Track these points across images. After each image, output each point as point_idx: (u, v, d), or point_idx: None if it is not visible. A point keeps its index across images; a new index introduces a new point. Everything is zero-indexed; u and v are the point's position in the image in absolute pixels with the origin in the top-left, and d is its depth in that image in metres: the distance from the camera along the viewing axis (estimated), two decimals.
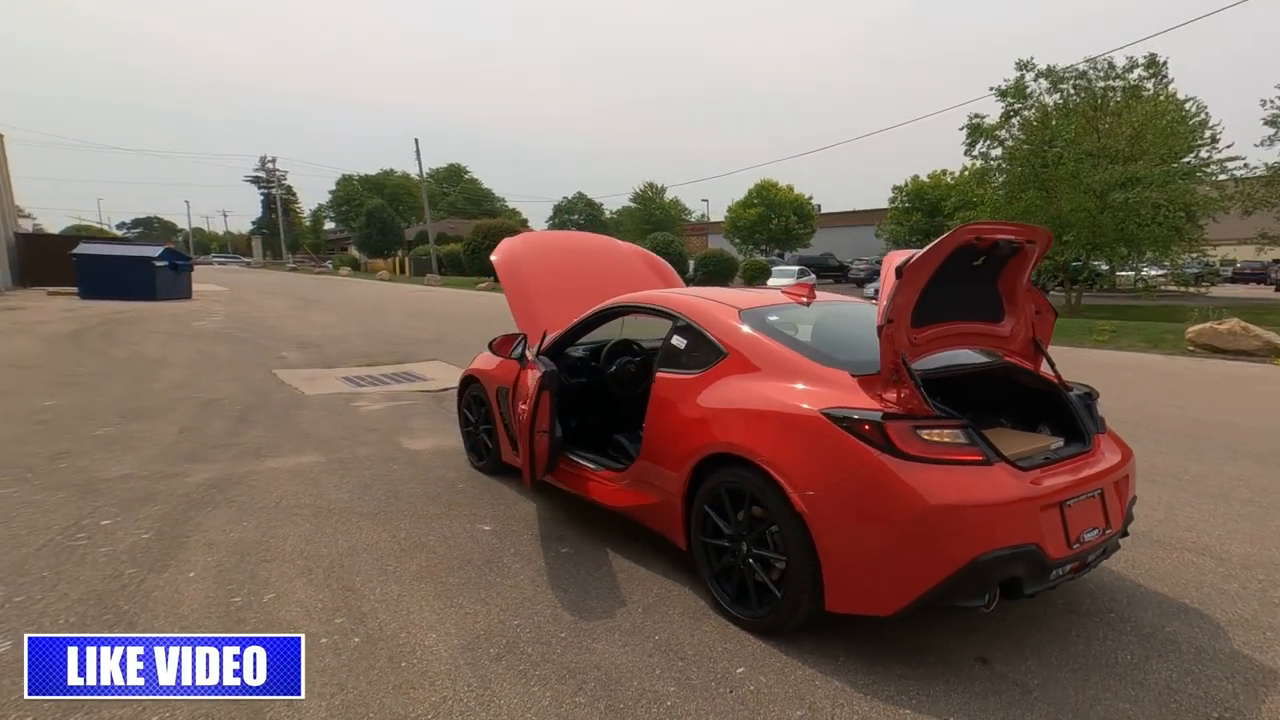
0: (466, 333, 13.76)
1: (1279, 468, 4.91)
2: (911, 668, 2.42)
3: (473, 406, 4.94)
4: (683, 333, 3.23)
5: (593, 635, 2.66)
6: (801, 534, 2.41)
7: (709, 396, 2.91)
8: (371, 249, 60.18)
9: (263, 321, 15.68)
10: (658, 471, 3.15)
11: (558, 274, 4.63)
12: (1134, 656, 2.50)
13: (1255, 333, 10.54)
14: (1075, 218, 18.85)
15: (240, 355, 10.43)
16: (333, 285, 34.15)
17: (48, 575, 3.09)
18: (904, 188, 40.61)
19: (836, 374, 2.62)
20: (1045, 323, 3.02)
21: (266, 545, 3.49)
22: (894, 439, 2.28)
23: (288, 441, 5.56)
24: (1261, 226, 20.38)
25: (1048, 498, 2.34)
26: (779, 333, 2.95)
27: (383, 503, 4.15)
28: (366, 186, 77.50)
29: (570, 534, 3.71)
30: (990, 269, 2.80)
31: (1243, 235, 21.76)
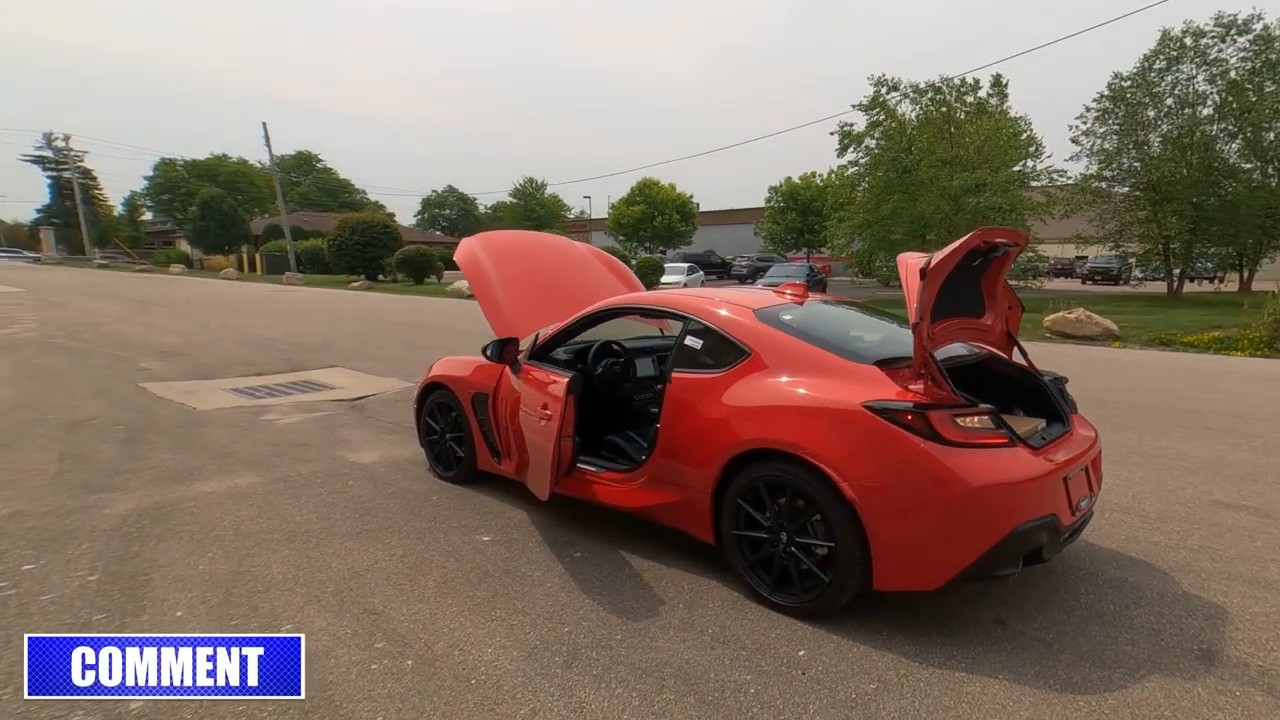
0: (357, 336, 12.97)
1: (1152, 434, 5.81)
2: (946, 635, 2.69)
3: (437, 415, 4.75)
4: (699, 334, 3.33)
5: (648, 634, 2.71)
6: (851, 521, 2.60)
7: (736, 395, 3.03)
8: (209, 244, 54.42)
9: (97, 328, 13.79)
10: (680, 470, 3.24)
11: (523, 275, 4.56)
12: (1115, 606, 2.94)
13: (1097, 321, 12.42)
14: (934, 219, 21.08)
15: (89, 369, 9.10)
16: (166, 285, 30.62)
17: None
18: (779, 188, 42.98)
19: (865, 368, 2.84)
20: (1015, 316, 3.44)
21: (250, 575, 3.19)
22: (937, 427, 2.52)
23: (207, 462, 5.04)
24: (1076, 229, 23.88)
25: (1058, 471, 2.69)
26: (800, 330, 3.14)
27: (358, 521, 3.91)
28: (195, 173, 69.67)
29: (576, 538, 3.70)
30: (978, 269, 3.15)
31: (1061, 236, 25.27)
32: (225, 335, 12.81)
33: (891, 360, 2.89)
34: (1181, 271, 23.33)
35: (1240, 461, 5.05)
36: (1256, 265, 24.49)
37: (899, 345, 3.25)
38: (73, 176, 68.00)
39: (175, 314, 16.87)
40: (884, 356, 2.92)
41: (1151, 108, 22.06)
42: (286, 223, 43.05)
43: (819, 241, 40.89)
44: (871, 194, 23.25)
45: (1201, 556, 3.43)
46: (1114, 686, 2.37)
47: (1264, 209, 20.97)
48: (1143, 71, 22.11)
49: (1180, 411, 6.73)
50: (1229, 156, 22.02)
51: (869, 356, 2.93)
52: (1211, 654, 2.59)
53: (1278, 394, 7.73)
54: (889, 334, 3.58)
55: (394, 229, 36.97)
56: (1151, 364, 10.01)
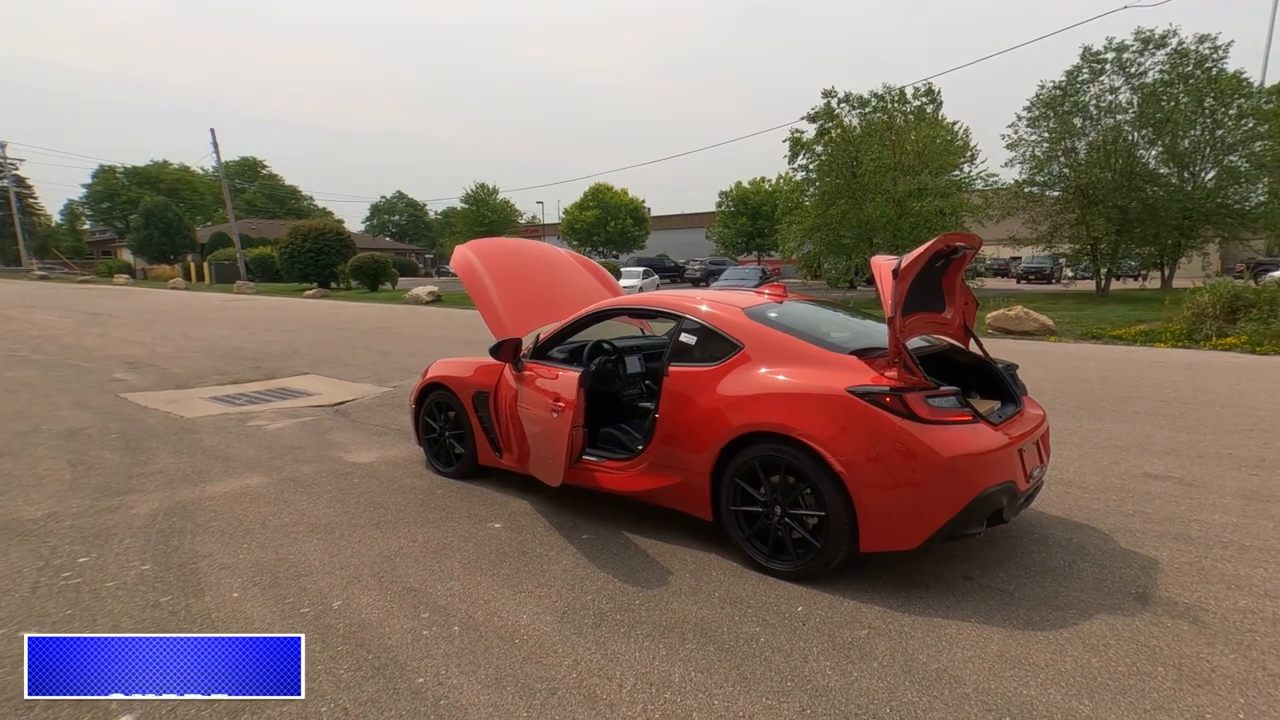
0: (321, 343, 12.98)
1: (1088, 418, 6.43)
2: (922, 590, 3.12)
3: (435, 414, 5.00)
4: (694, 331, 3.70)
5: (664, 599, 3.06)
6: (840, 492, 3.00)
7: (731, 385, 3.41)
8: (153, 253, 52.63)
9: (55, 341, 13.47)
10: (680, 455, 3.60)
11: (516, 279, 4.88)
12: (1065, 561, 3.41)
13: (1035, 317, 13.28)
14: (880, 222, 22.00)
15: (61, 381, 9.03)
16: (112, 297, 29.60)
17: (72, 614, 2.84)
18: (729, 193, 43.84)
19: (845, 358, 3.24)
20: (971, 311, 3.91)
21: (290, 563, 3.43)
22: (912, 407, 2.94)
23: (212, 466, 5.19)
24: (1010, 230, 25.21)
25: (1014, 443, 3.15)
26: (785, 326, 3.54)
27: (374, 514, 4.15)
28: (136, 180, 67.35)
29: (581, 522, 4.02)
30: (940, 270, 3.60)
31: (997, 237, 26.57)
32: (189, 345, 12.67)
33: (866, 351, 3.30)
34: (1109, 270, 24.84)
35: (1165, 439, 5.68)
36: (1176, 264, 26.21)
37: (870, 338, 3.68)
38: (8, 185, 64.67)
39: (131, 325, 16.48)
40: (859, 348, 3.34)
41: (1078, 116, 23.52)
42: (235, 230, 41.98)
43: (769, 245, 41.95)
44: (821, 199, 24.17)
45: (1135, 519, 3.95)
46: (1067, 624, 2.81)
47: (1181, 211, 22.56)
48: (1069, 82, 23.56)
49: (1112, 397, 7.43)
50: (1149, 162, 23.62)
51: (846, 348, 3.34)
52: (1146, 595, 3.06)
53: (1195, 380, 8.55)
54: (858, 329, 4.01)
55: (347, 236, 36.46)
56: (1085, 355, 10.85)
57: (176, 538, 3.74)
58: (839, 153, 23.50)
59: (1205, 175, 23.72)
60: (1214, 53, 22.15)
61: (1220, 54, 22.19)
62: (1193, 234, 23.87)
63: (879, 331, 3.94)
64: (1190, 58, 22.22)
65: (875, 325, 4.12)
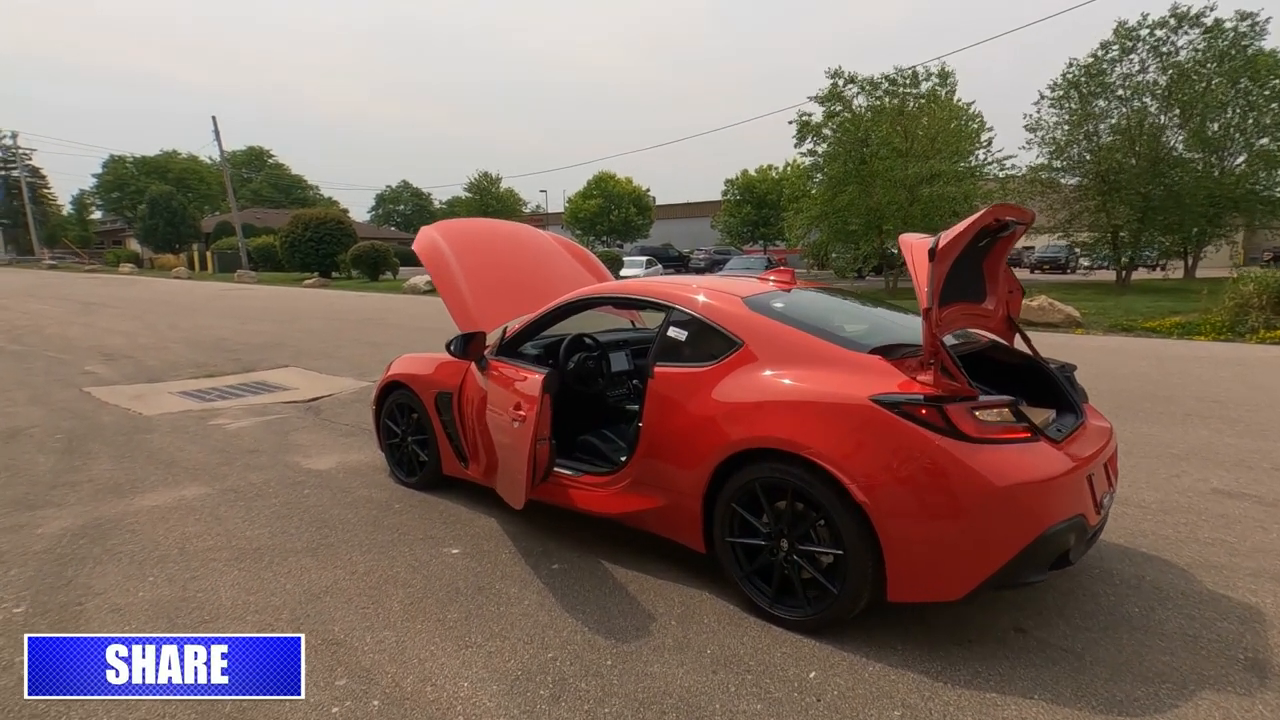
0: (310, 334, 12.46)
1: (1133, 420, 5.74)
2: (965, 648, 2.49)
3: (397, 416, 4.42)
4: (683, 324, 3.08)
5: (641, 658, 2.46)
6: (861, 526, 2.39)
7: (728, 389, 2.80)
8: (158, 242, 52.41)
9: (39, 330, 13.07)
10: (665, 472, 2.99)
11: (488, 265, 4.25)
12: (1140, 608, 2.77)
13: (1059, 308, 12.53)
14: (889, 210, 21.16)
15: (29, 373, 8.57)
16: (116, 285, 29.28)
17: None
18: (735, 181, 42.96)
19: (867, 358, 2.62)
20: (1016, 300, 3.26)
21: (195, 602, 2.85)
22: (955, 421, 2.32)
23: (151, 473, 4.63)
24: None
25: (1083, 466, 2.51)
26: (793, 319, 2.90)
27: (315, 535, 3.58)
28: (145, 170, 67.20)
29: (552, 547, 3.43)
30: (983, 250, 2.96)
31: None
32: (173, 336, 12.17)
33: (890, 348, 2.68)
34: (1130, 259, 23.91)
35: (1229, 448, 5.00)
36: (1200, 253, 25.24)
37: (891, 332, 3.06)
38: (20, 175, 64.61)
39: (122, 315, 16.02)
40: (880, 344, 2.71)
41: (1103, 97, 22.49)
42: (238, 219, 41.57)
43: (775, 234, 41.05)
44: (828, 185, 23.28)
45: (1216, 550, 3.30)
46: (1164, 705, 2.17)
47: (1208, 198, 21.55)
48: (1096, 60, 22.53)
49: (1155, 396, 6.74)
50: (1175, 147, 22.59)
51: (865, 345, 2.72)
52: (1260, 664, 2.40)
53: (1247, 377, 7.83)
54: (877, 321, 3.38)
55: (348, 225, 35.91)
56: (1116, 349, 10.13)
57: (74, 567, 3.17)
58: (847, 137, 22.58)
59: (1235, 160, 22.69)
60: (1252, 29, 21.07)
61: (1258, 30, 21.10)
62: (1219, 222, 22.86)
63: (902, 324, 3.32)
64: (1226, 35, 21.15)
65: (896, 316, 3.49)
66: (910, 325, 3.34)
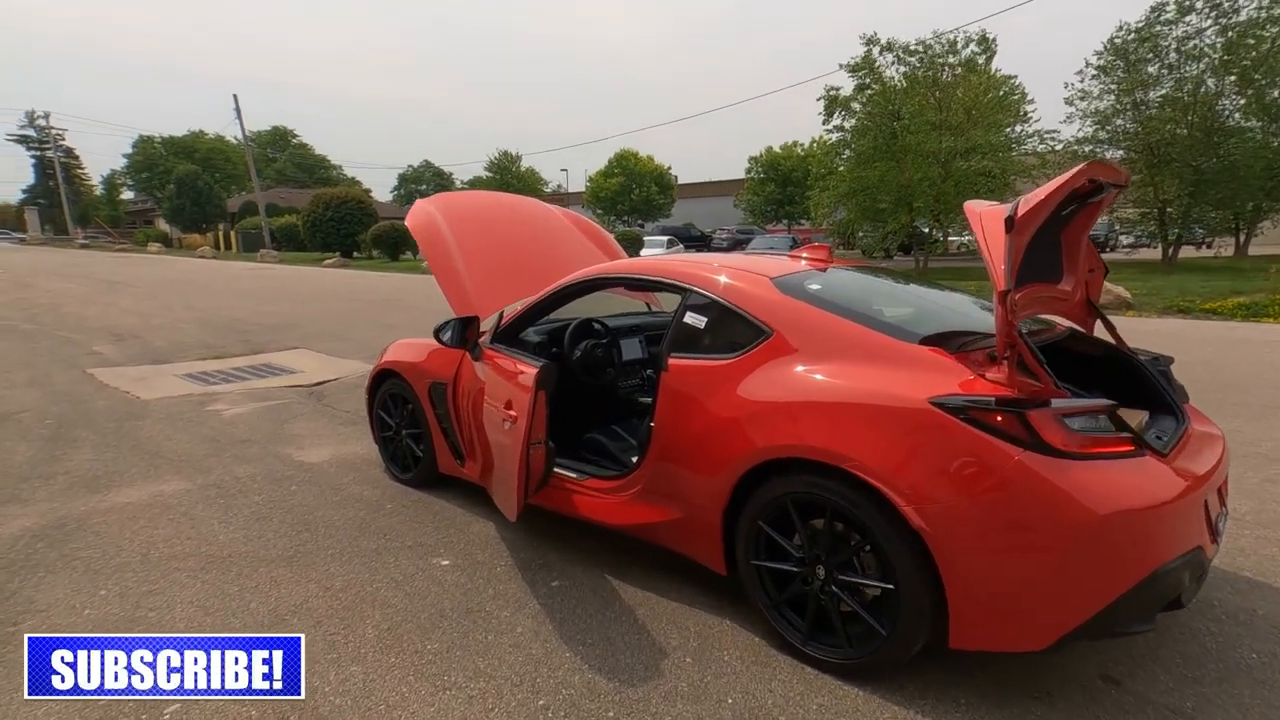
0: (325, 315, 12.22)
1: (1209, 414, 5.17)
2: (1043, 701, 2.05)
3: (391, 408, 4.05)
4: (702, 309, 2.64)
5: (650, 707, 2.06)
6: (918, 557, 1.95)
7: (754, 386, 2.36)
8: (185, 222, 52.89)
9: (57, 309, 13.01)
10: (680, 480, 2.57)
11: (489, 242, 3.81)
12: (1258, 653, 2.29)
13: (1108, 288, 11.71)
14: (921, 186, 20.23)
15: (35, 353, 8.43)
16: (141, 265, 29.47)
17: None
18: (759, 158, 41.88)
19: (923, 351, 2.16)
20: (1097, 280, 2.76)
21: (145, 623, 2.51)
22: (1040, 431, 1.85)
23: (133, 464, 4.34)
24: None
25: (1198, 487, 2.04)
26: (832, 303, 2.44)
27: (295, 540, 3.23)
28: (173, 150, 67.62)
29: (553, 559, 3.04)
30: (1064, 220, 2.46)
31: None
32: (187, 316, 12.01)
33: (943, 338, 2.21)
34: (1179, 237, 22.67)
35: None
36: (1255, 229, 23.87)
37: (941, 318, 2.62)
38: (54, 155, 65.49)
39: (142, 295, 15.95)
40: (932, 332, 2.25)
41: (1155, 63, 21.12)
42: (261, 199, 41.63)
43: (800, 213, 39.96)
44: (856, 161, 22.26)
45: None
46: None
47: (1265, 170, 20.23)
48: (1149, 23, 21.15)
49: (1228, 386, 6.10)
50: (1232, 115, 21.22)
51: (914, 334, 2.26)
52: None
53: None
54: (923, 304, 2.92)
55: (369, 204, 35.68)
56: (1175, 334, 9.41)
57: (22, 577, 2.86)
58: (878, 110, 21.55)
59: None
60: None
61: None
62: (1278, 196, 21.52)
63: (951, 306, 2.87)
64: None
65: (942, 296, 3.03)
66: (961, 309, 2.87)
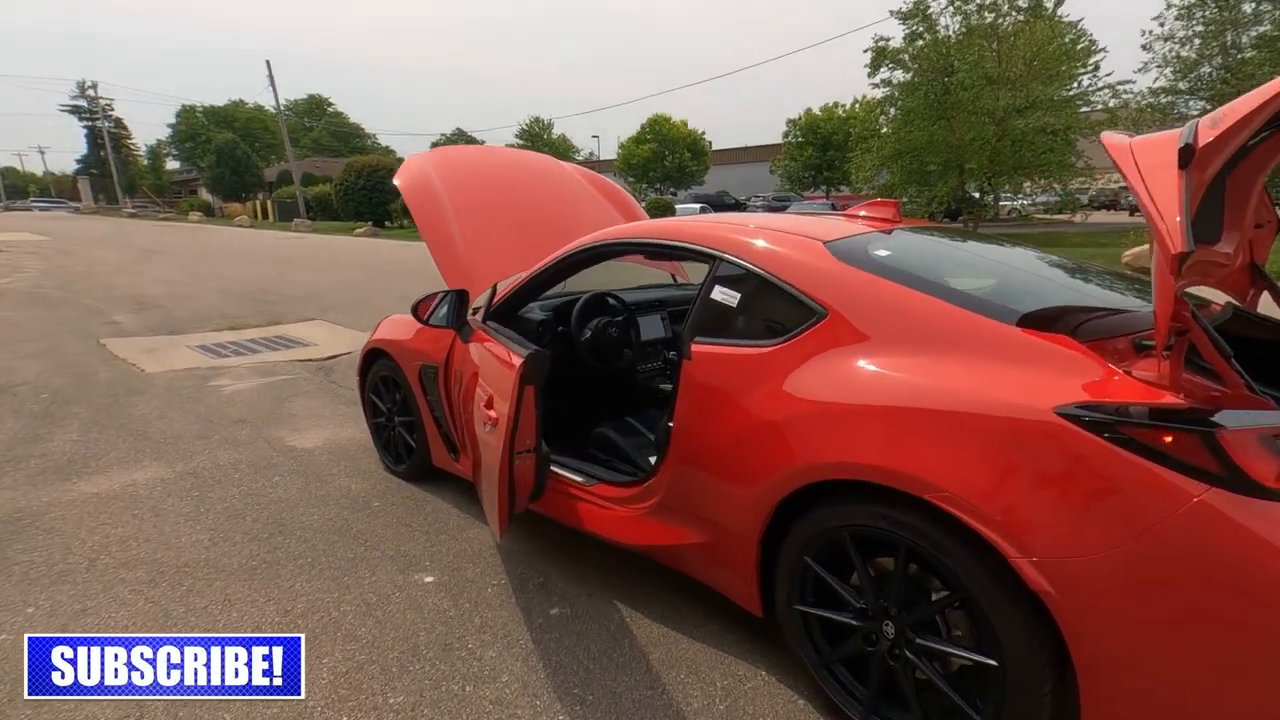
0: (348, 286, 11.92)
1: None
2: None
3: (382, 391, 3.61)
4: (734, 282, 2.09)
5: None
6: (1037, 625, 1.41)
7: (803, 383, 1.81)
8: (225, 191, 53.53)
9: (90, 277, 12.98)
10: (706, 496, 2.06)
11: (490, 204, 3.28)
12: None
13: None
14: (973, 146, 18.91)
15: (55, 322, 8.27)
16: (181, 233, 29.75)
17: None
18: (798, 121, 40.27)
19: (1043, 339, 1.58)
20: (1265, 238, 2.10)
21: None
22: (1236, 458, 1.28)
23: (115, 446, 4.00)
24: None
25: None
26: (906, 274, 1.87)
27: (263, 545, 2.82)
28: (213, 119, 68.51)
29: (553, 577, 2.57)
30: (1235, 159, 1.81)
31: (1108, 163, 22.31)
32: (213, 285, 11.83)
33: (1049, 317, 1.62)
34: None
35: None
36: None
37: (1037, 290, 2.05)
38: (103, 126, 66.79)
39: (174, 263, 15.90)
40: (1033, 309, 1.66)
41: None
42: (296, 168, 41.69)
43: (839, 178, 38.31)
44: (903, 120, 20.80)
45: None
46: None
47: None
48: None
49: None
50: None
51: (1010, 311, 1.67)
52: None
53: None
54: (1010, 270, 2.31)
55: None
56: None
57: None
58: (929, 64, 20.05)
59: None
60: None
61: None
62: None
63: (1041, 272, 2.28)
64: None
65: (1025, 258, 2.43)
66: (1048, 274, 2.29)
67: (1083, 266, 2.44)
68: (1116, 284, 2.28)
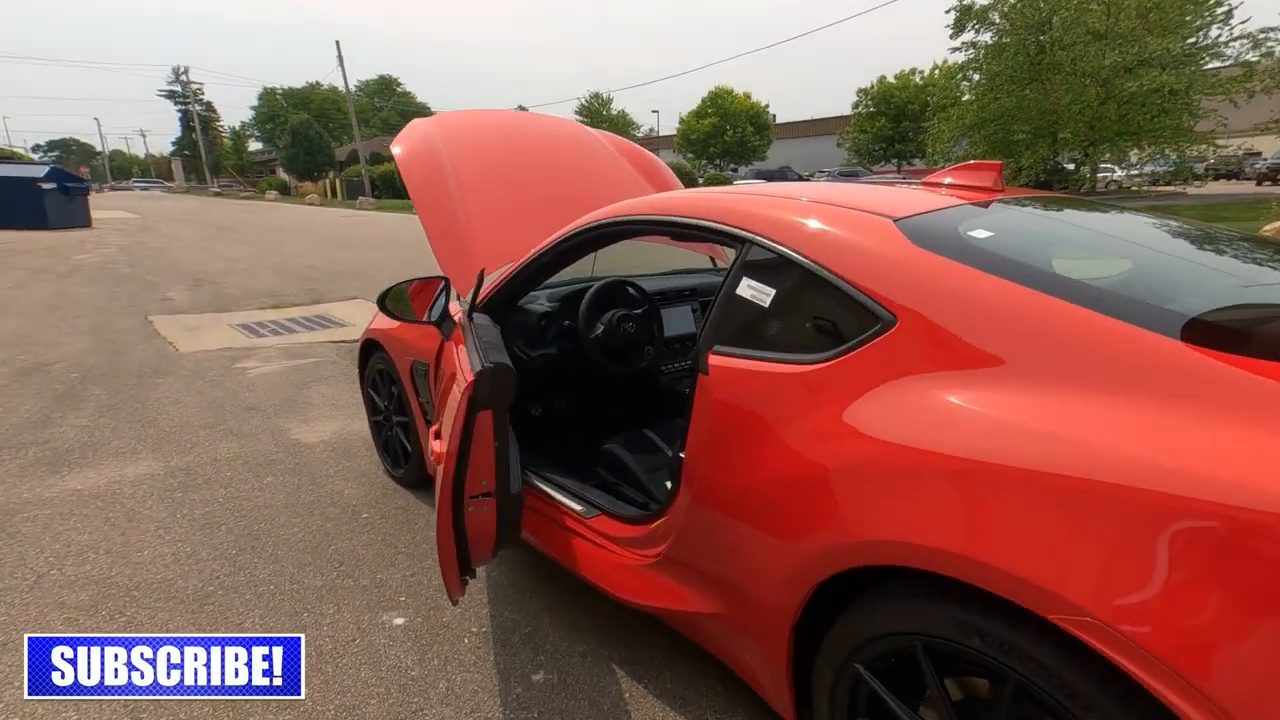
0: (397, 262, 11.86)
1: None
2: None
3: (380, 387, 3.22)
4: (769, 274, 1.53)
5: None
6: None
7: (864, 416, 1.26)
8: (300, 170, 55.33)
9: (162, 253, 13.38)
10: (728, 550, 1.53)
11: (503, 180, 2.77)
12: None
13: None
14: (1070, 111, 17.14)
15: (114, 297, 8.41)
16: (255, 212, 30.80)
17: None
18: (870, 90, 38.21)
19: (1228, 363, 0.98)
20: None
21: None
22: None
23: (119, 434, 3.79)
24: (1260, 116, 18.15)
25: None
26: (1019, 267, 1.28)
27: (228, 566, 2.47)
28: (291, 101, 70.85)
29: (543, 627, 2.11)
30: None
31: (1238, 127, 19.69)
32: (270, 262, 11.96)
33: (1230, 328, 1.08)
34: None
35: None
36: None
37: (1198, 282, 1.45)
38: (194, 109, 70.12)
39: (240, 240, 16.27)
40: (1207, 312, 1.10)
41: None
42: (363, 147, 42.48)
43: (912, 151, 36.02)
44: (989, 85, 18.99)
45: None
46: None
47: None
48: None
49: None
50: None
51: (1177, 315, 1.09)
52: None
53: None
54: (1140, 252, 1.66)
55: None
56: None
57: None
58: (1021, 19, 18.20)
59: None
60: None
61: None
62: None
63: (1192, 256, 1.64)
64: None
65: (1161, 234, 1.79)
66: (1193, 254, 1.66)
67: (1196, 227, 1.79)
68: None
